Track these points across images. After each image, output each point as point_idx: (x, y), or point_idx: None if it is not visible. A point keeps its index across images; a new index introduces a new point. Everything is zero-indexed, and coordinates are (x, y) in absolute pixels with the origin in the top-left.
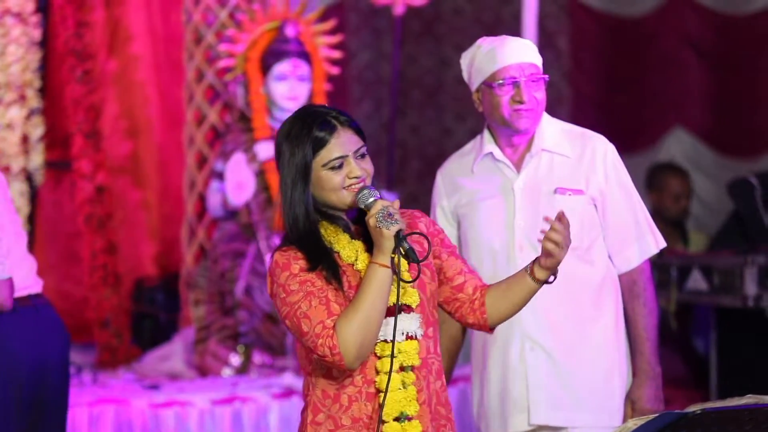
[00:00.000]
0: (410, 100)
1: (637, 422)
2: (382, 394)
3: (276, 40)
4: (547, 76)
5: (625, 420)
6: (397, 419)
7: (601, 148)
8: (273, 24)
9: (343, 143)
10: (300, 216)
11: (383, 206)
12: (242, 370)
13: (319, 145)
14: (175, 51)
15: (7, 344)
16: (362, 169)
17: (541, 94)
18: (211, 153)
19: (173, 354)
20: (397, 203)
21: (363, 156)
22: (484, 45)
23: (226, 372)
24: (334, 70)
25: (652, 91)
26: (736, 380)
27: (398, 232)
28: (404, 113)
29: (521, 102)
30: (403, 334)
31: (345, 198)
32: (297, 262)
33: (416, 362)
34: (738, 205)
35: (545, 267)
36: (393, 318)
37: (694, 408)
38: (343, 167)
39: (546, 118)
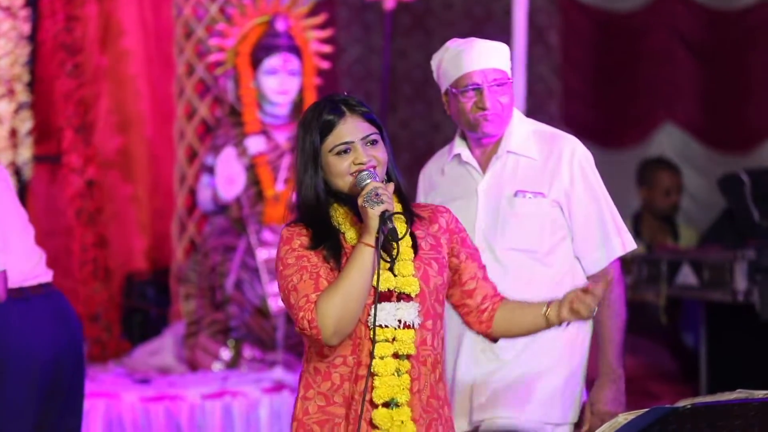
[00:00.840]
0: (400, 95)
1: (627, 417)
2: (373, 378)
3: (266, 35)
4: (511, 80)
5: (584, 421)
6: (386, 404)
7: (569, 150)
8: (263, 18)
9: (350, 129)
10: (310, 199)
11: (374, 186)
12: (232, 364)
13: (327, 129)
14: (165, 46)
15: (20, 333)
16: (369, 155)
17: (506, 98)
18: (201, 147)
19: (164, 348)
20: (391, 186)
21: (374, 143)
22: (451, 48)
23: (217, 366)
24: (325, 65)
25: (643, 85)
26: (726, 375)
27: (383, 213)
28: (394, 107)
29: (484, 108)
30: (400, 321)
31: (351, 184)
32: (299, 238)
33: (412, 351)
34: (728, 201)
35: (563, 320)
36: (388, 304)
37: (684, 403)
38: (350, 153)
39: (517, 119)
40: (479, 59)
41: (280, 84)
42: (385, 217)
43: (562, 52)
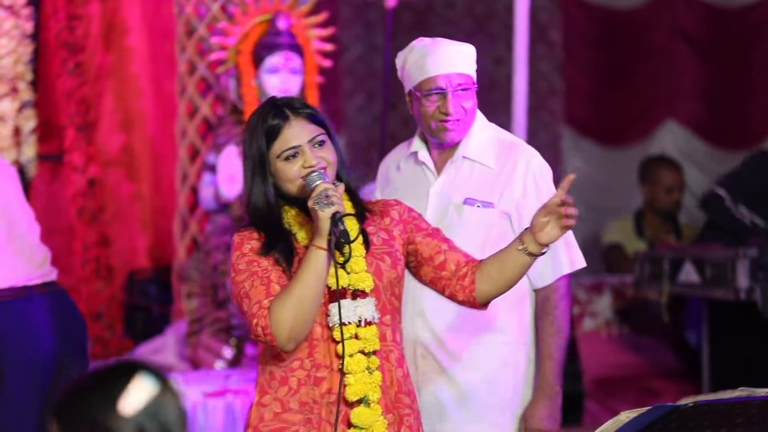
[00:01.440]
0: (402, 93)
1: (629, 415)
2: (347, 376)
3: (268, 33)
4: (476, 85)
5: None
6: (358, 402)
7: (524, 161)
8: (265, 16)
9: (296, 132)
10: (260, 207)
11: (324, 188)
12: (235, 362)
13: (273, 135)
14: (167, 44)
15: (23, 331)
16: (318, 157)
17: (469, 104)
18: (203, 146)
19: (166, 346)
20: (341, 187)
21: (321, 144)
22: (416, 49)
23: (219, 365)
24: (326, 63)
25: (645, 83)
26: (728, 373)
27: (334, 215)
28: (396, 106)
29: (447, 113)
30: (360, 319)
31: (302, 188)
32: (249, 243)
33: (377, 346)
34: (716, 220)
35: (546, 241)
36: (345, 301)
37: (686, 401)
38: (298, 157)
39: (479, 125)
40: (444, 63)
41: (282, 82)
42: (336, 219)
43: (564, 50)
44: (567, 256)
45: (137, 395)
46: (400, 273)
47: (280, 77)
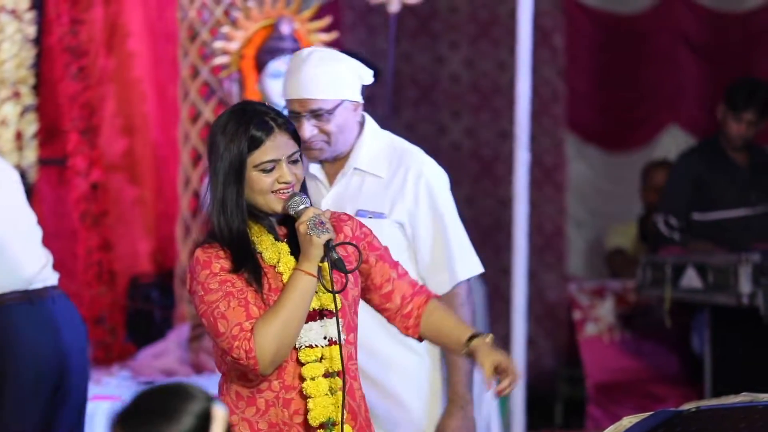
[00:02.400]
0: (405, 98)
1: (632, 420)
2: (308, 400)
3: (271, 38)
4: (338, 104)
5: None
6: (322, 425)
7: (416, 169)
8: (268, 21)
9: (278, 146)
10: (233, 218)
11: (315, 214)
12: None
13: (255, 144)
14: (170, 48)
15: (24, 335)
16: (293, 174)
17: (331, 126)
18: (205, 150)
19: (168, 351)
20: (328, 212)
21: (296, 162)
22: (289, 63)
23: None
24: None
25: (648, 88)
26: (731, 378)
27: (328, 242)
28: (399, 111)
29: (304, 138)
30: (325, 338)
31: (271, 202)
32: (218, 261)
33: (339, 367)
34: (654, 242)
35: (480, 366)
36: (314, 323)
37: (689, 406)
38: (274, 171)
39: (370, 133)
40: (298, 88)
41: None
42: (330, 247)
43: (567, 55)
44: (463, 262)
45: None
46: (360, 289)
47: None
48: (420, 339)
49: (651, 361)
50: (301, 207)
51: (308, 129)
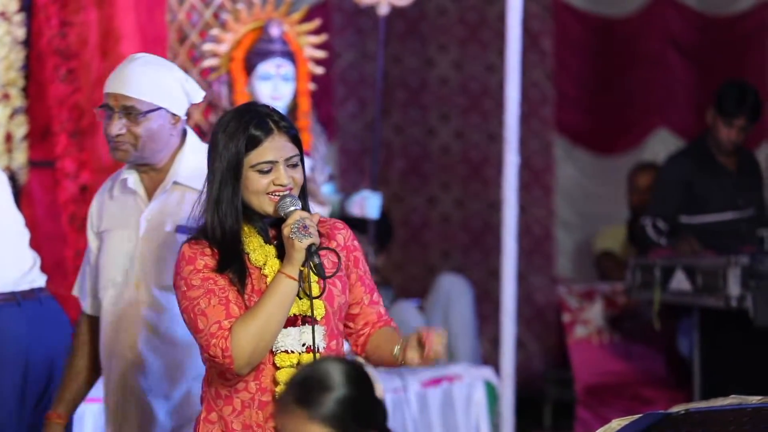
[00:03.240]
0: (394, 100)
1: (621, 422)
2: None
3: (260, 40)
4: (151, 110)
5: None
6: None
7: None
8: (257, 23)
9: (276, 148)
10: (227, 217)
11: (300, 217)
12: None
13: (253, 144)
14: (159, 51)
15: (11, 336)
16: (290, 177)
17: (140, 129)
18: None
19: None
20: (317, 216)
21: (295, 166)
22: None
23: None
24: (319, 70)
25: (637, 91)
26: (720, 381)
27: (310, 246)
28: (388, 113)
29: (110, 133)
30: (303, 345)
31: (264, 204)
32: (203, 258)
33: None
34: (641, 246)
35: (408, 362)
36: (293, 329)
37: (678, 408)
38: (271, 172)
39: (191, 147)
40: (115, 82)
41: (274, 89)
42: (312, 251)
43: (556, 58)
44: None
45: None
46: (348, 297)
47: (273, 84)
48: (366, 358)
49: (640, 364)
50: (290, 209)
51: (116, 126)
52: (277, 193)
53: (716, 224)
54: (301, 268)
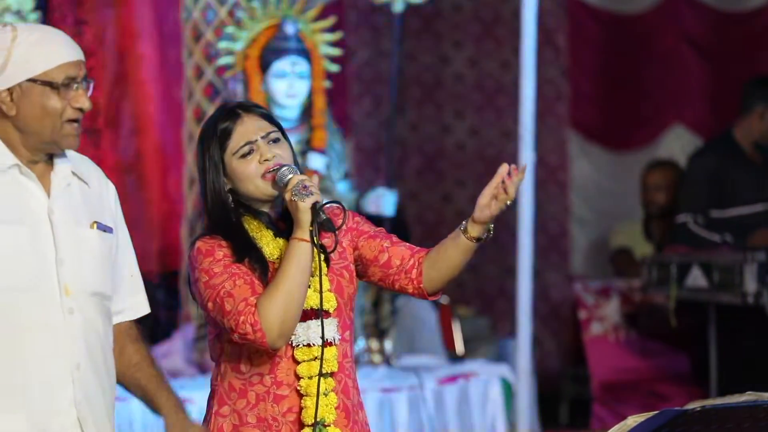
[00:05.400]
0: (409, 98)
1: (637, 419)
2: (304, 398)
3: (275, 38)
4: None
5: None
6: (314, 425)
7: (110, 183)
8: (272, 21)
9: (249, 128)
10: (217, 209)
11: (300, 179)
12: None
13: (225, 136)
14: (175, 49)
15: None
16: (274, 152)
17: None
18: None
19: (173, 351)
20: (315, 178)
21: (276, 141)
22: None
23: None
24: (334, 68)
25: (651, 87)
26: (736, 377)
27: (314, 204)
28: (403, 111)
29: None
30: (324, 340)
31: (263, 187)
32: (221, 249)
33: (335, 368)
34: (689, 245)
35: (484, 221)
36: (314, 321)
37: (694, 405)
38: (254, 153)
39: None
40: (72, 48)
41: (289, 87)
42: (317, 209)
43: (571, 55)
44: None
45: None
46: (356, 286)
47: (288, 82)
48: (428, 294)
49: (656, 361)
50: (288, 177)
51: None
52: (269, 171)
53: (747, 217)
54: (310, 228)
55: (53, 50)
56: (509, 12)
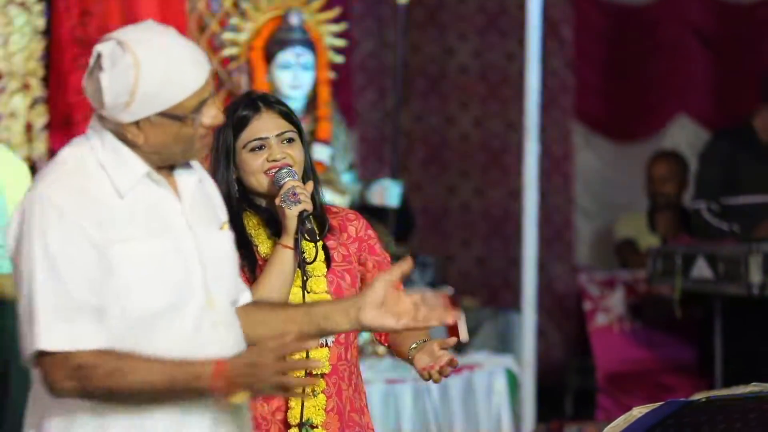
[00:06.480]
0: (414, 89)
1: (642, 410)
2: (291, 398)
3: (280, 29)
4: None
5: None
6: (300, 426)
7: None
8: (277, 12)
9: (265, 124)
10: (221, 195)
11: (292, 185)
12: None
13: (241, 125)
14: None
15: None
16: (284, 153)
17: None
18: (214, 142)
19: None
20: (310, 185)
21: (290, 141)
22: None
23: None
24: (338, 59)
25: (656, 79)
26: (741, 368)
27: (301, 213)
28: (408, 102)
29: None
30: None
31: (263, 183)
32: None
33: (326, 370)
34: (702, 236)
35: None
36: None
37: (700, 396)
38: (264, 150)
39: None
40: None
41: (294, 78)
42: (303, 218)
43: (576, 46)
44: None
45: None
46: (358, 290)
47: (292, 73)
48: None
49: (661, 352)
50: (285, 180)
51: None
52: (272, 170)
53: (760, 205)
54: (295, 236)
55: (183, 80)
56: (514, 3)
